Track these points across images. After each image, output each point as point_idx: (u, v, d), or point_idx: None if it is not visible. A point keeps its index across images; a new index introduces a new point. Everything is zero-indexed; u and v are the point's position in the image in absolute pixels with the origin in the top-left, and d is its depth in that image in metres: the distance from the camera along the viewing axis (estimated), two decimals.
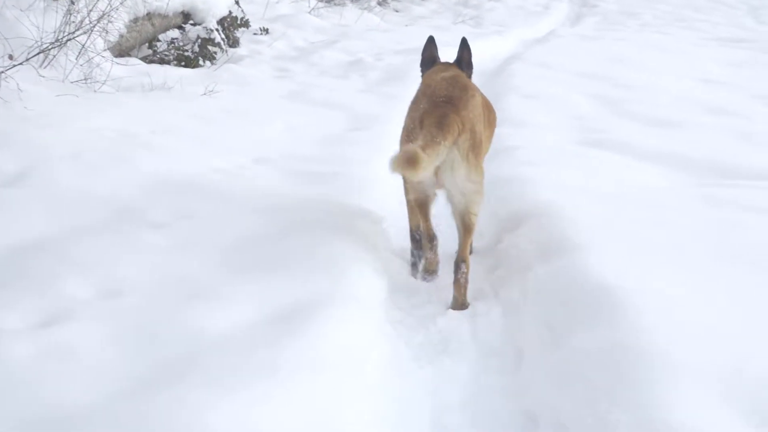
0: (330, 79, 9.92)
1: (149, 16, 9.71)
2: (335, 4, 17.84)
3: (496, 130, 7.74)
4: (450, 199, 4.42)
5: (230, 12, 11.18)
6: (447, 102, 4.23)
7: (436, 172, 4.22)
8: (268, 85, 9.27)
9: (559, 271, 4.23)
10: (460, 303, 4.45)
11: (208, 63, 10.19)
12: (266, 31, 12.37)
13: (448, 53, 5.35)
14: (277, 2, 15.83)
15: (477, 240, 5.15)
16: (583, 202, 5.17)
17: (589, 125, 7.94)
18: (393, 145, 5.72)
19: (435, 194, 4.56)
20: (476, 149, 4.29)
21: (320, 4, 16.67)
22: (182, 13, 10.25)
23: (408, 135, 4.34)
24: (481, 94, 4.77)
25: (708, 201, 5.42)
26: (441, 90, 4.33)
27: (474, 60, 5.15)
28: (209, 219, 4.72)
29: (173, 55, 10.23)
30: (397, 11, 19.73)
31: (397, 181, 4.85)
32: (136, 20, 9.54)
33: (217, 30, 10.19)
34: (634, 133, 7.65)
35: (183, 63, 10.06)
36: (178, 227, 4.58)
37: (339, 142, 7.06)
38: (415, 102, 4.51)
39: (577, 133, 7.63)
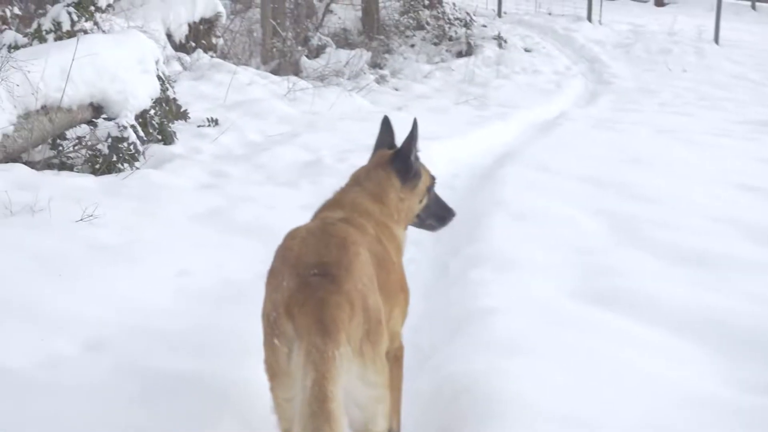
0: (272, 188, 7.89)
1: (45, 110, 7.74)
2: (325, 85, 16.06)
3: (472, 273, 5.76)
4: None
5: (159, 102, 9.19)
6: (322, 275, 2.86)
7: None
8: (186, 199, 7.23)
9: None
10: None
11: (127, 167, 8.20)
12: (215, 122, 10.40)
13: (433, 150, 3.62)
14: (249, 84, 13.98)
15: None
16: None
17: (594, 263, 5.85)
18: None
19: None
20: (374, 335, 2.89)
21: (300, 86, 14.79)
22: (91, 105, 8.28)
23: (271, 329, 2.87)
24: (370, 241, 3.34)
25: None
26: (308, 254, 2.98)
27: (464, 157, 3.57)
28: None
29: (84, 156, 8.26)
30: (396, 90, 18.09)
31: None
32: (27, 115, 7.58)
33: (133, 126, 8.17)
34: (656, 277, 5.58)
35: (98, 167, 8.08)
36: None
37: (236, 300, 4.99)
38: (274, 273, 3.07)
39: (578, 279, 5.55)
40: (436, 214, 4.00)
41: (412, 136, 3.74)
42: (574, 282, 5.49)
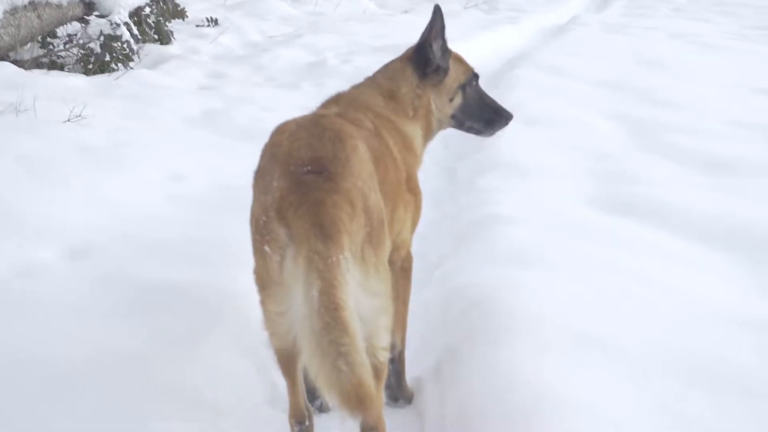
0: (272, 90, 7.55)
1: (33, 5, 7.35)
2: None
3: (480, 180, 5.44)
4: None
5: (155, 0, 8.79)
6: (317, 172, 2.48)
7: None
8: (182, 101, 6.89)
9: None
10: None
11: (121, 67, 7.85)
12: (215, 22, 9.99)
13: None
14: None
15: None
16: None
17: (611, 169, 5.55)
18: None
19: None
20: (376, 238, 2.52)
21: None
22: (82, 1, 7.88)
23: (261, 235, 2.50)
24: (367, 135, 2.93)
25: None
26: (300, 150, 2.57)
27: (473, 60, 3.64)
28: None
29: (76, 56, 7.89)
30: None
31: None
32: (14, 11, 7.19)
33: (126, 24, 7.78)
34: (676, 183, 5.27)
35: (90, 67, 7.73)
36: None
37: (231, 207, 4.67)
38: (262, 173, 2.67)
39: (595, 186, 5.24)
40: (480, 116, 3.58)
41: (432, 26, 3.34)
42: (591, 189, 5.19)
